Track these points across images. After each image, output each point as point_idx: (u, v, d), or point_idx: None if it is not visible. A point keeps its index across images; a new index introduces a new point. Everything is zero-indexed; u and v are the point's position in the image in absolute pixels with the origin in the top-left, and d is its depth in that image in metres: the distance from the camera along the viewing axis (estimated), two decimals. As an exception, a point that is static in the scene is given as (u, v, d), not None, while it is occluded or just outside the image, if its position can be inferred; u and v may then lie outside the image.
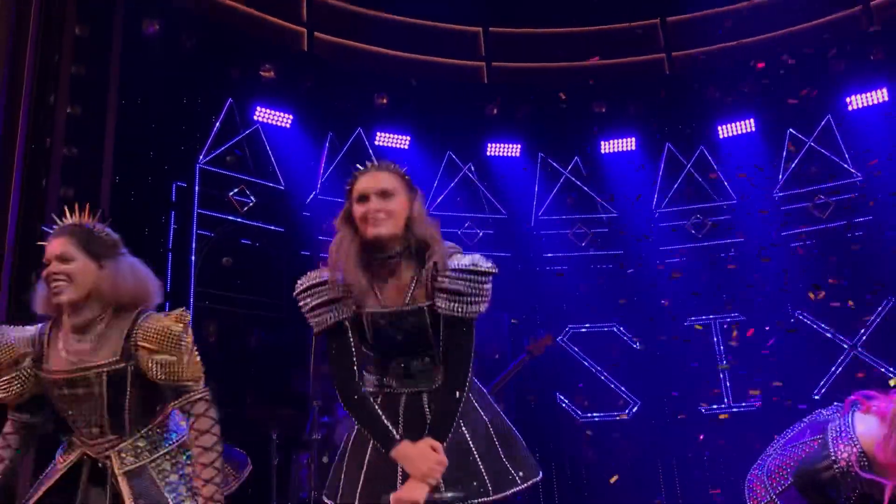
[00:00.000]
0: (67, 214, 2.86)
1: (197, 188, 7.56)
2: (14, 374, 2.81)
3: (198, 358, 2.81)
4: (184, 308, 2.87)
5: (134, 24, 6.99)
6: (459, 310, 2.58)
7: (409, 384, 2.68)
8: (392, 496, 2.45)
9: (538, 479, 2.67)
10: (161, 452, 2.81)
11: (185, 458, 2.83)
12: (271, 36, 8.42)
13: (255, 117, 8.05)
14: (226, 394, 7.23)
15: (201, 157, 7.67)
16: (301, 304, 2.72)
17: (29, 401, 2.87)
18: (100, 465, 2.81)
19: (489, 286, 2.62)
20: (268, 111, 8.09)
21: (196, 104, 7.82)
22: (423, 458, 2.45)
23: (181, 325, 2.77)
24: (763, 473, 3.09)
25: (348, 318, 2.66)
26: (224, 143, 7.86)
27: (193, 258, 7.31)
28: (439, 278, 2.60)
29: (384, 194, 2.63)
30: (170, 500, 2.72)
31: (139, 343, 2.75)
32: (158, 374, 2.74)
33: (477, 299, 2.60)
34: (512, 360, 8.14)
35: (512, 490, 2.57)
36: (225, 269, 7.57)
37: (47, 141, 5.36)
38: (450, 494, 2.49)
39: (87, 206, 2.91)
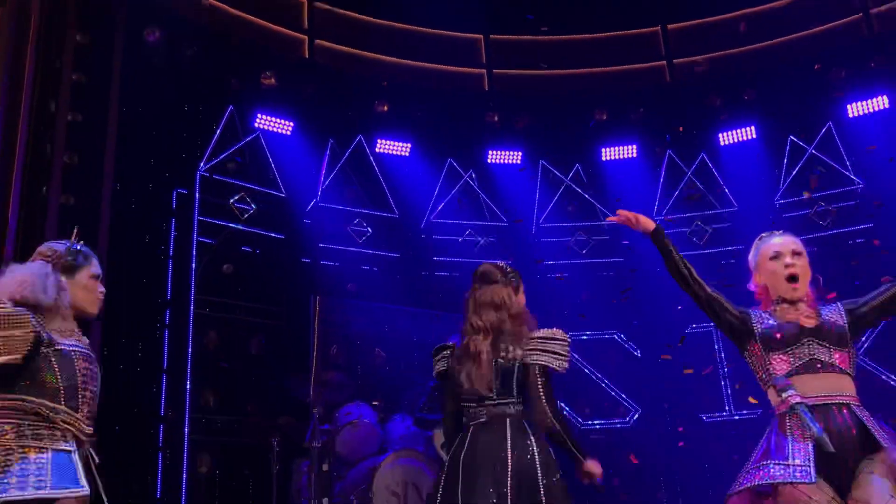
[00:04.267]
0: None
1: (198, 195, 7.56)
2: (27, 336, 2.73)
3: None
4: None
5: (135, 32, 7.00)
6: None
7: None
8: None
9: None
10: None
11: None
12: (272, 43, 8.43)
13: (256, 124, 8.05)
14: (226, 401, 7.28)
15: (202, 164, 7.67)
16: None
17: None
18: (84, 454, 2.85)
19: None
20: (269, 118, 8.10)
21: (197, 111, 7.83)
22: None
23: None
24: None
25: None
26: (225, 150, 7.86)
27: (194, 265, 7.31)
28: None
29: None
30: None
31: None
32: None
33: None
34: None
35: None
36: (225, 277, 7.57)
37: (48, 148, 5.36)
38: None
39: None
